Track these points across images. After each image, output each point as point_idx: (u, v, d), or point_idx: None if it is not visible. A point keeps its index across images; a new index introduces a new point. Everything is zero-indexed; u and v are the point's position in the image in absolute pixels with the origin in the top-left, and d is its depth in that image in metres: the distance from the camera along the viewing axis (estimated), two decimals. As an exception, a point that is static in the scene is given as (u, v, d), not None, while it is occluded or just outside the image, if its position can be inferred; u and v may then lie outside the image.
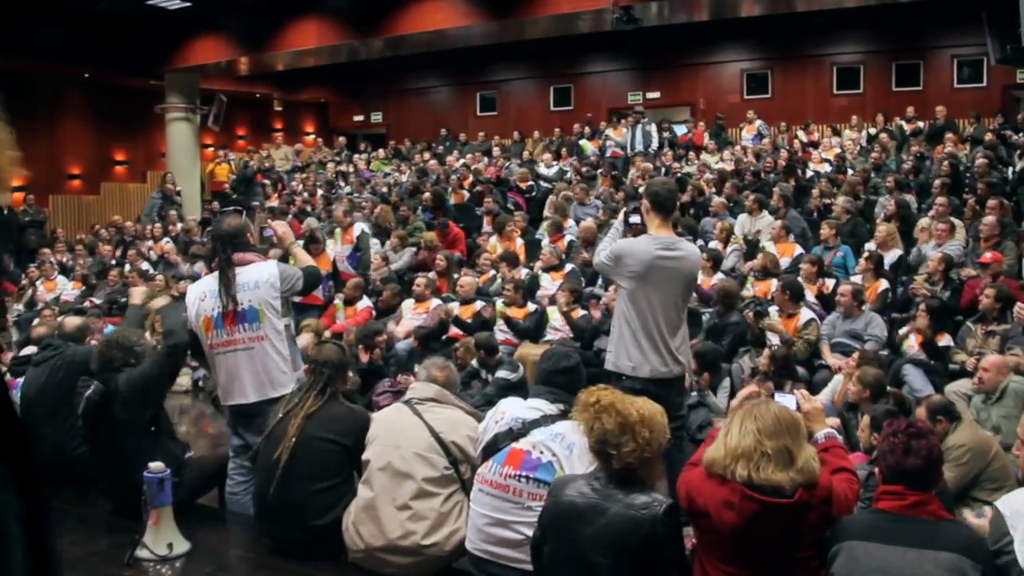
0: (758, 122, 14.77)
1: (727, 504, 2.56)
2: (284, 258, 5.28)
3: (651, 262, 4.22)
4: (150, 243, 12.20)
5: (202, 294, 4.18)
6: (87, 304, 9.23)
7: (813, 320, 6.61)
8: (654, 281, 4.23)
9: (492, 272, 9.12)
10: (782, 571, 2.58)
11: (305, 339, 6.51)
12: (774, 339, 6.53)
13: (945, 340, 6.22)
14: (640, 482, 2.71)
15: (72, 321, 5.02)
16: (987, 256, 6.84)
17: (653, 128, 14.30)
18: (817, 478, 2.62)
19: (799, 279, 7.16)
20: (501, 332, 7.45)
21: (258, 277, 4.09)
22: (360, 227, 7.79)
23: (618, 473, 2.69)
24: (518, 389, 5.79)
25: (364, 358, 6.76)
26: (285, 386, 4.04)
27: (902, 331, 6.50)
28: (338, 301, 8.34)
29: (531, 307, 7.69)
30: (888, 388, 5.23)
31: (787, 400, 3.41)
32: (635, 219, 4.49)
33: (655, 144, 14.15)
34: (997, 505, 2.79)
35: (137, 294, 5.01)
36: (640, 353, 4.23)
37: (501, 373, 6.55)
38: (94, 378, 4.02)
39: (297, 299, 5.27)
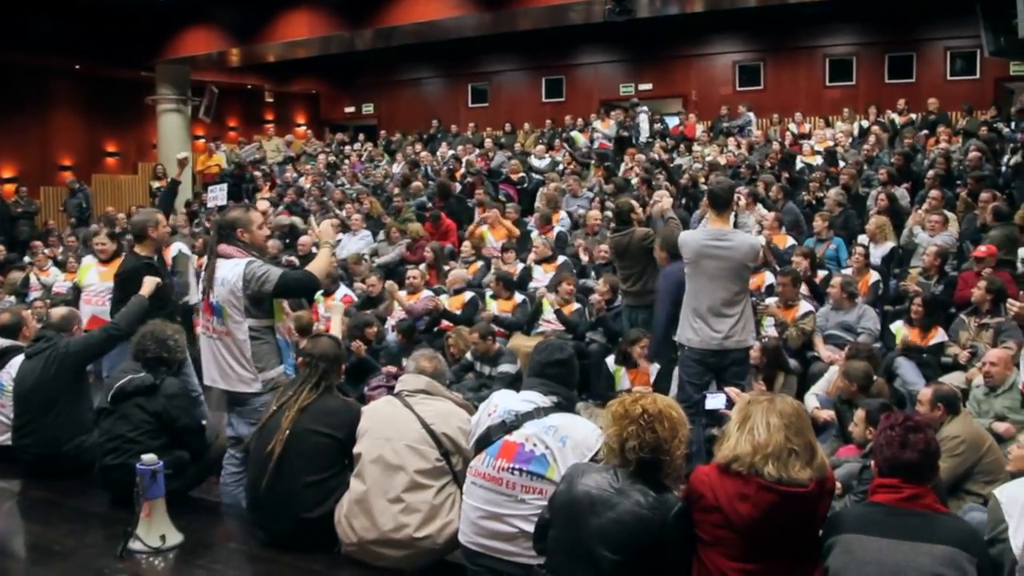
0: (748, 115, 14.80)
1: (742, 496, 2.54)
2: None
3: (699, 250, 5.07)
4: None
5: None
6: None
7: (811, 312, 6.65)
8: (703, 266, 5.05)
9: (480, 263, 9.12)
10: (790, 564, 2.58)
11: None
12: (767, 331, 6.55)
13: (939, 336, 6.23)
14: (660, 480, 2.71)
15: (58, 311, 5.03)
16: (981, 250, 6.85)
17: (643, 119, 14.30)
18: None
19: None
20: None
21: (226, 275, 4.11)
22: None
23: (638, 470, 2.69)
24: (519, 381, 5.81)
25: (358, 351, 6.75)
26: (248, 384, 4.11)
27: (893, 326, 6.51)
28: (319, 296, 8.32)
29: (518, 299, 7.69)
30: (875, 378, 5.27)
31: (718, 398, 3.41)
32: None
33: (645, 135, 14.16)
34: (995, 493, 2.81)
35: (149, 284, 5.07)
36: (693, 327, 5.06)
37: (504, 367, 6.56)
38: (145, 367, 4.08)
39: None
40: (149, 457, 3.53)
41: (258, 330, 4.11)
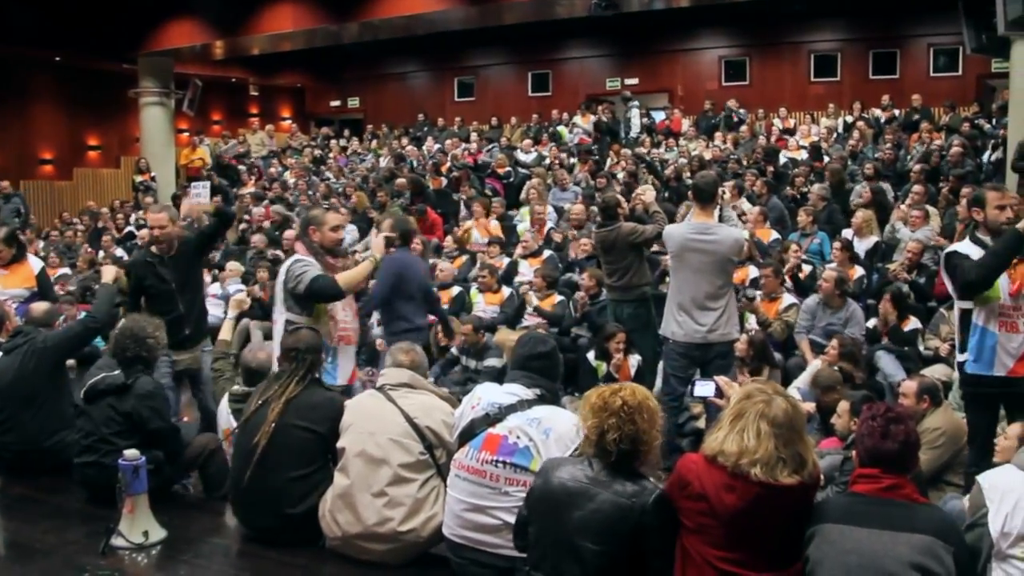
0: (741, 111, 14.84)
1: (727, 487, 2.55)
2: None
3: (683, 243, 5.10)
4: (131, 228, 12.18)
5: None
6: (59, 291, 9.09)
7: (794, 304, 6.68)
8: (687, 260, 5.08)
9: (464, 258, 9.12)
10: (773, 554, 2.60)
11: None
12: (752, 324, 6.58)
13: (912, 324, 6.26)
14: (636, 470, 2.73)
15: (39, 306, 4.98)
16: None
17: (635, 113, 14.34)
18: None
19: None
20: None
21: (282, 268, 4.45)
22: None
23: (617, 461, 2.70)
24: (505, 375, 5.83)
25: None
26: None
27: (869, 323, 6.53)
28: None
29: (505, 292, 7.69)
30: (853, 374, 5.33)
31: (707, 386, 3.42)
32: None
33: (635, 131, 14.18)
34: (978, 479, 2.84)
35: (108, 272, 5.17)
36: (677, 320, 5.10)
37: (490, 361, 6.57)
38: (121, 365, 4.04)
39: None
40: (131, 452, 3.52)
41: (296, 325, 4.23)
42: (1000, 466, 2.98)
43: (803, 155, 12.13)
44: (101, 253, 11.05)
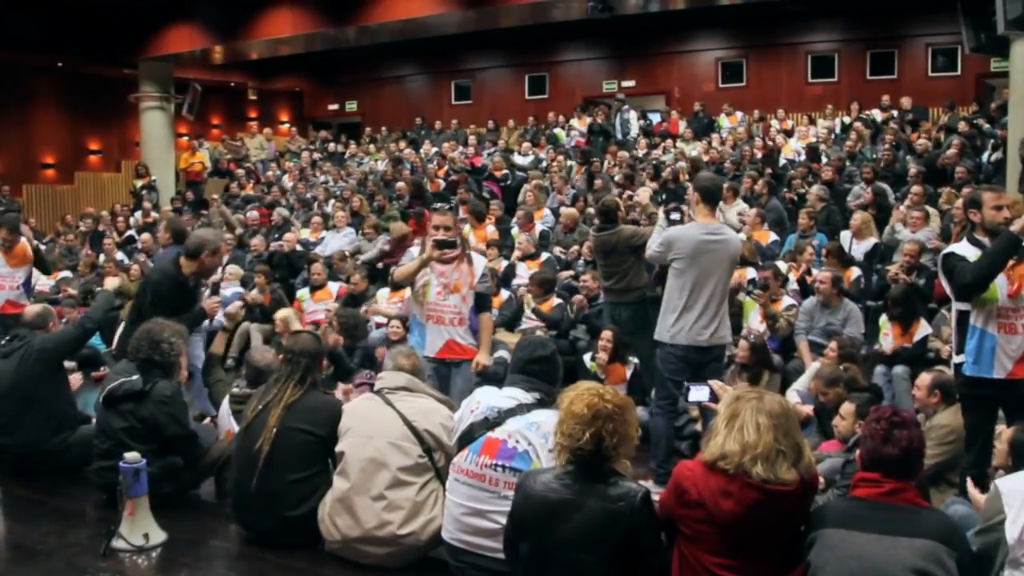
0: (738, 114, 14.86)
1: (725, 493, 2.54)
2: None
3: (697, 245, 4.98)
4: (132, 232, 12.20)
5: None
6: (59, 295, 9.11)
7: (794, 305, 6.74)
8: (701, 262, 4.99)
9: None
10: (772, 560, 2.59)
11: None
12: (752, 325, 6.60)
13: (922, 329, 6.25)
14: (612, 469, 2.73)
15: (32, 309, 5.00)
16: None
17: (632, 116, 14.32)
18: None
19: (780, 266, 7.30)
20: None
21: None
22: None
23: (591, 465, 2.70)
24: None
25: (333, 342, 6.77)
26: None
27: (880, 320, 6.52)
28: (302, 292, 8.32)
29: (503, 295, 7.70)
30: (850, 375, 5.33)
31: (701, 391, 3.42)
32: (675, 216, 5.19)
33: (634, 132, 14.18)
34: (997, 483, 2.79)
35: (111, 281, 5.12)
36: (677, 323, 5.01)
37: (500, 353, 6.58)
38: (138, 368, 4.02)
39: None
40: (132, 455, 3.52)
41: None
42: (1021, 471, 2.92)
43: (800, 156, 12.14)
44: (102, 257, 11.05)
